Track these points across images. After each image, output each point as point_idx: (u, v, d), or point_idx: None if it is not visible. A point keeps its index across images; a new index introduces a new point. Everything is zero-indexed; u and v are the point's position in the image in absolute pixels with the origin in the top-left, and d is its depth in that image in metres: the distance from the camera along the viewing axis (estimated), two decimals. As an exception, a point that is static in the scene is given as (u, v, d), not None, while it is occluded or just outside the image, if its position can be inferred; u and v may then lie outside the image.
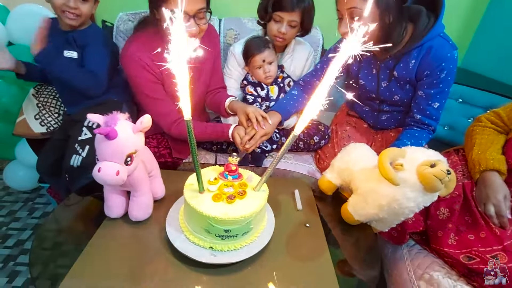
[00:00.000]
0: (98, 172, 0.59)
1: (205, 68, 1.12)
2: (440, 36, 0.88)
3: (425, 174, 0.65)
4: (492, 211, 0.72)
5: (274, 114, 1.06)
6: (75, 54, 0.98)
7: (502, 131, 0.88)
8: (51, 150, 1.02)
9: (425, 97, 0.94)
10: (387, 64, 0.96)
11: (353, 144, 0.91)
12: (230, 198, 0.68)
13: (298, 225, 0.80)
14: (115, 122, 0.61)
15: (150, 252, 0.69)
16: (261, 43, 1.14)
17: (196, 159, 0.66)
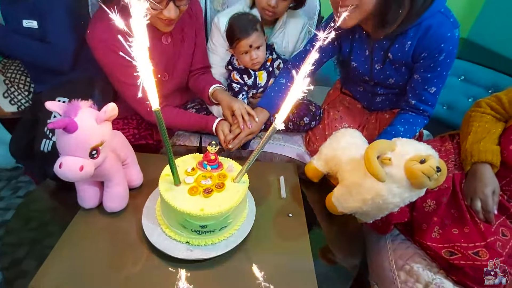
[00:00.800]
0: (59, 168, 0.55)
1: (186, 43, 1.01)
2: (441, 13, 0.78)
3: (413, 170, 0.61)
4: (479, 206, 0.69)
5: (262, 111, 0.98)
6: (35, 23, 0.86)
7: (501, 118, 0.83)
8: (22, 132, 0.95)
9: (421, 81, 0.86)
10: (381, 45, 0.87)
11: (344, 130, 0.86)
12: (207, 192, 0.65)
13: (280, 214, 0.78)
14: (75, 112, 0.55)
15: (126, 245, 0.67)
16: (247, 24, 0.99)
17: (170, 151, 0.61)
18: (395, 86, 0.95)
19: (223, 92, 1.01)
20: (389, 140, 0.66)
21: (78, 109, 0.56)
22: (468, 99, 1.26)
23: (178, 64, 1.03)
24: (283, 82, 1.04)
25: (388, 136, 0.87)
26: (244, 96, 1.10)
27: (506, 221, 0.70)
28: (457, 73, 1.27)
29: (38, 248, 0.72)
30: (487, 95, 1.20)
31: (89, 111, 0.58)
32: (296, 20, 1.14)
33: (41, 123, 0.87)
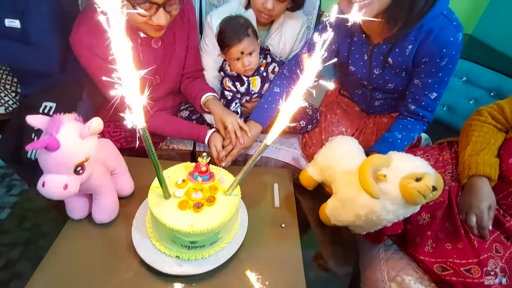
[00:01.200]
0: (43, 187, 0.53)
1: (177, 46, 0.97)
2: (443, 15, 0.74)
3: (408, 189, 0.59)
4: (473, 222, 0.68)
5: (255, 125, 0.95)
6: (18, 22, 0.81)
7: (502, 128, 0.80)
8: (11, 136, 0.93)
9: (421, 86, 0.83)
10: (380, 49, 0.83)
11: (340, 137, 0.83)
12: (197, 206, 0.63)
13: (273, 225, 0.77)
14: (57, 129, 0.53)
15: (116, 258, 0.66)
16: (239, 29, 0.93)
17: (157, 166, 0.59)
18: (394, 91, 0.92)
19: (216, 102, 0.97)
20: (385, 155, 0.64)
21: (60, 125, 0.54)
22: (469, 101, 1.23)
23: (170, 68, 0.99)
24: (277, 91, 1.00)
25: (386, 143, 0.85)
26: (237, 105, 1.06)
27: (500, 236, 0.69)
28: (459, 74, 1.23)
29: (32, 248, 0.73)
30: (489, 98, 1.18)
31: (72, 125, 0.56)
32: (293, 20, 1.09)
33: (28, 130, 0.85)
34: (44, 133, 0.53)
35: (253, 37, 0.98)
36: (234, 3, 1.09)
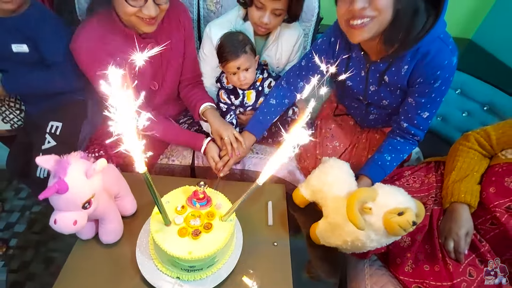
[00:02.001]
0: (55, 224, 0.58)
1: (174, 53, 0.99)
2: (440, 39, 0.75)
3: (390, 223, 0.64)
4: (451, 247, 0.74)
5: (249, 136, 1.01)
6: (25, 47, 0.84)
7: (487, 154, 0.84)
8: (17, 152, 0.97)
9: (415, 105, 0.85)
10: (377, 67, 0.85)
11: (333, 161, 0.87)
12: (195, 234, 0.69)
13: (266, 243, 0.82)
14: (64, 171, 0.57)
15: (122, 277, 0.72)
16: (237, 46, 0.96)
17: (158, 203, 0.64)
18: (388, 107, 0.95)
19: (213, 113, 1.02)
20: (371, 189, 0.69)
21: (67, 167, 0.58)
22: (462, 113, 1.25)
23: (168, 74, 1.03)
24: (273, 103, 1.04)
25: (376, 166, 0.88)
26: (232, 116, 1.10)
27: (475, 260, 0.75)
28: (454, 86, 1.25)
29: (43, 250, 0.80)
30: (481, 112, 1.20)
31: (78, 166, 0.60)
32: (290, 32, 1.10)
33: (35, 149, 0.89)
34: (53, 175, 0.58)
35: (251, 54, 1.00)
36: (233, 15, 1.09)
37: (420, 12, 0.71)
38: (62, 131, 0.90)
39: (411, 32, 0.72)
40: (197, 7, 1.28)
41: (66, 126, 0.92)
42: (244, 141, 0.98)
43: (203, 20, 1.31)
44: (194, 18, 1.30)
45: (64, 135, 0.91)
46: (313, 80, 1.03)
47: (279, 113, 1.05)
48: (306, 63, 0.98)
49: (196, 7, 1.28)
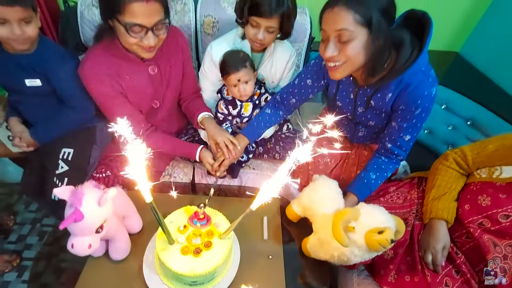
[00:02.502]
0: (72, 248, 0.65)
1: (173, 73, 1.07)
2: (421, 71, 0.82)
3: (371, 241, 0.71)
4: (429, 260, 0.81)
5: (243, 138, 1.11)
6: (39, 81, 0.92)
7: (464, 173, 0.91)
8: (30, 175, 1.05)
9: (397, 129, 0.93)
10: (364, 92, 0.93)
11: (322, 179, 0.93)
12: (196, 252, 0.76)
13: (261, 256, 0.89)
14: (80, 201, 0.64)
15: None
16: (238, 61, 1.06)
17: (163, 226, 0.72)
18: (375, 127, 1.03)
19: (210, 121, 1.12)
20: (354, 209, 0.76)
21: (82, 197, 0.65)
22: (448, 127, 1.32)
23: (168, 92, 1.10)
24: (268, 112, 1.14)
25: (361, 184, 0.96)
26: (228, 125, 1.19)
27: (451, 270, 0.82)
28: (439, 101, 1.31)
29: (54, 261, 0.86)
30: (465, 126, 1.28)
31: (92, 195, 0.67)
32: (283, 50, 1.19)
33: (50, 174, 0.96)
34: (69, 205, 0.65)
35: (250, 69, 1.10)
36: (232, 34, 1.18)
37: (406, 45, 0.79)
38: (74, 157, 0.98)
39: (396, 64, 0.80)
40: (195, 31, 1.36)
41: (77, 152, 1.00)
42: (238, 143, 1.07)
43: (201, 42, 1.39)
44: (192, 41, 1.38)
45: (75, 160, 0.99)
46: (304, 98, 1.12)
47: (273, 123, 1.15)
48: (299, 82, 1.07)
49: (193, 31, 1.36)
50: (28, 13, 0.82)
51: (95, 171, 1.06)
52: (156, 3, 0.82)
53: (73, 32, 1.31)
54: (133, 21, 0.81)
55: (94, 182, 0.71)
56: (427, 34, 0.79)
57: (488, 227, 0.78)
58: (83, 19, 1.30)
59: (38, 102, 0.98)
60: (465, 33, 1.62)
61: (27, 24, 0.84)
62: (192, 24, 1.35)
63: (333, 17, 0.74)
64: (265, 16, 0.99)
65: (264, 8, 0.98)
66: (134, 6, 0.79)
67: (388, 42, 0.77)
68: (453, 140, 1.33)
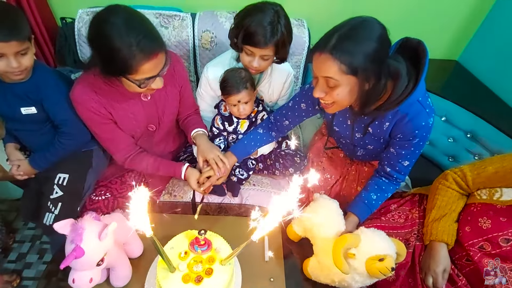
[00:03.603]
0: (73, 283, 0.65)
1: (169, 97, 1.06)
2: (418, 102, 0.82)
3: (372, 268, 0.72)
4: (430, 282, 0.81)
5: (231, 156, 1.09)
6: (34, 109, 0.91)
7: (464, 193, 0.91)
8: (29, 199, 1.04)
9: (396, 155, 0.92)
10: (362, 119, 0.92)
11: (322, 199, 0.93)
12: (197, 280, 0.76)
13: (263, 279, 0.89)
14: (80, 237, 0.64)
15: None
16: (239, 82, 1.05)
17: (164, 258, 0.72)
18: (374, 150, 1.02)
19: (202, 138, 1.10)
20: (355, 235, 0.76)
21: (82, 233, 0.65)
22: (448, 139, 1.32)
23: (165, 116, 1.09)
24: (260, 132, 1.13)
25: (362, 204, 0.95)
26: (221, 141, 1.19)
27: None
28: (439, 113, 1.31)
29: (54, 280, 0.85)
30: (465, 139, 1.27)
31: (92, 228, 0.67)
32: (280, 71, 1.18)
33: (44, 198, 0.96)
34: (69, 240, 0.65)
35: (251, 89, 1.09)
36: (227, 56, 1.17)
37: (402, 76, 0.78)
38: (69, 182, 0.98)
39: (391, 95, 0.79)
40: (193, 45, 1.35)
41: (72, 177, 1.00)
42: (227, 162, 1.05)
43: (199, 57, 1.39)
44: (190, 56, 1.38)
45: (70, 185, 0.99)
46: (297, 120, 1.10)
47: (264, 143, 1.14)
48: (293, 105, 1.05)
49: (192, 46, 1.35)
50: (24, 46, 0.81)
51: (94, 193, 1.06)
52: (162, 53, 0.82)
53: (70, 49, 1.31)
54: (144, 76, 0.82)
55: (94, 214, 0.71)
56: (423, 65, 0.78)
57: (489, 250, 0.78)
58: (80, 36, 1.29)
59: (35, 129, 0.98)
60: (464, 40, 1.61)
61: (23, 56, 0.83)
62: (190, 39, 1.34)
63: (320, 64, 0.74)
64: (259, 46, 0.98)
65: (258, 38, 0.96)
66: (145, 66, 0.79)
67: (381, 79, 0.76)
68: (453, 152, 1.33)
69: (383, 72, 0.75)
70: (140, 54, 0.76)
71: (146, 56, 0.77)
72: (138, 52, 0.76)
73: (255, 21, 0.95)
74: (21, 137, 1.02)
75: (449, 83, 1.57)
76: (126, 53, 0.76)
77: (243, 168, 1.20)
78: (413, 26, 1.49)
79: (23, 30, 0.81)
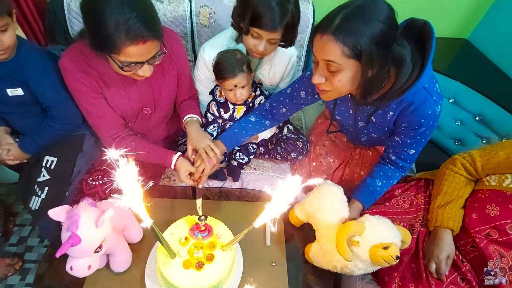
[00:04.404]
0: (71, 270, 0.64)
1: (167, 79, 1.01)
2: (424, 89, 0.76)
3: (376, 256, 0.70)
4: (433, 269, 0.80)
5: (220, 145, 1.02)
6: (20, 90, 0.86)
7: (472, 179, 0.88)
8: (23, 182, 1.02)
9: (401, 143, 0.89)
10: (364, 108, 0.88)
11: (327, 185, 0.90)
12: (198, 266, 0.75)
13: (264, 264, 0.89)
14: (76, 224, 0.62)
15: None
16: (235, 65, 0.98)
17: (164, 244, 0.70)
18: (377, 138, 0.99)
19: (193, 124, 1.05)
20: (359, 223, 0.74)
21: (78, 220, 0.62)
22: (455, 122, 1.28)
23: (161, 99, 1.04)
24: (252, 120, 1.07)
25: (366, 191, 0.93)
26: (215, 128, 1.14)
27: (457, 278, 0.81)
28: (447, 95, 1.26)
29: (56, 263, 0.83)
30: (473, 122, 1.23)
31: (88, 215, 0.65)
32: (283, 52, 1.11)
33: (32, 181, 0.93)
34: (65, 228, 0.62)
35: (247, 72, 1.03)
36: (225, 36, 1.09)
37: (406, 63, 0.72)
38: (57, 166, 0.95)
39: (395, 84, 0.74)
40: (190, 22, 1.28)
41: (60, 161, 0.97)
42: (218, 152, 0.99)
43: (197, 34, 1.31)
44: (187, 33, 1.30)
45: (58, 169, 0.96)
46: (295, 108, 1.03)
47: (257, 131, 1.08)
48: (291, 92, 0.99)
49: (189, 22, 1.28)
50: (4, 21, 0.75)
51: (91, 177, 1.03)
52: (153, 41, 0.76)
53: (60, 26, 1.23)
54: (128, 60, 0.76)
55: (90, 200, 0.69)
56: (429, 49, 0.72)
57: (496, 237, 0.77)
58: (70, 11, 1.21)
59: (24, 112, 0.94)
60: (475, 19, 1.52)
61: (3, 32, 0.77)
62: (187, 15, 1.26)
63: (321, 46, 0.69)
64: (267, 29, 0.90)
65: (268, 20, 0.88)
66: (130, 49, 0.73)
67: (385, 65, 0.70)
68: (460, 136, 1.29)
69: (388, 58, 0.69)
70: (125, 35, 0.70)
71: (131, 38, 0.71)
72: (124, 32, 0.70)
73: (263, 0, 0.87)
74: (10, 120, 0.98)
75: (458, 62, 1.51)
76: (111, 30, 0.70)
77: (243, 153, 1.17)
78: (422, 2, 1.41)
79: (1, 3, 0.75)
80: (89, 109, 0.93)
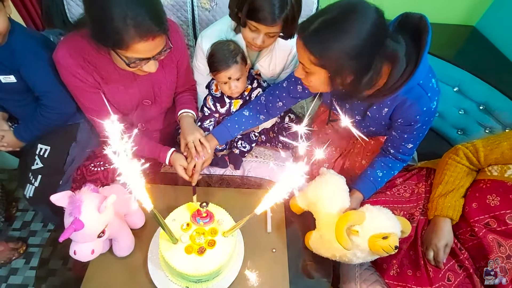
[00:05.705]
0: (74, 255, 0.65)
1: (167, 72, 0.99)
2: (419, 85, 0.74)
3: (375, 245, 0.71)
4: (431, 256, 0.81)
5: (212, 139, 1.01)
6: (13, 77, 0.85)
7: (474, 168, 0.88)
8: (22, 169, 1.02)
9: (398, 138, 0.88)
10: (360, 103, 0.87)
11: (329, 175, 0.90)
12: (200, 251, 0.76)
13: (265, 250, 0.90)
14: (78, 210, 0.62)
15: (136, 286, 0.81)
16: (228, 56, 0.95)
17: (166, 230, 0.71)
18: (376, 130, 0.98)
19: (187, 119, 1.04)
20: (359, 213, 0.74)
21: (80, 205, 0.63)
22: (459, 111, 1.27)
23: (161, 91, 1.03)
24: (245, 114, 1.04)
25: (367, 181, 0.93)
26: (211, 123, 1.13)
27: (454, 265, 0.83)
28: (452, 83, 1.24)
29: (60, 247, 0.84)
30: (477, 111, 1.22)
31: (90, 201, 0.65)
32: (284, 43, 1.05)
33: (27, 168, 0.94)
34: (68, 213, 0.63)
35: (242, 64, 1.00)
36: (224, 25, 1.06)
37: (400, 59, 0.70)
38: (50, 154, 0.96)
39: (387, 81, 0.73)
40: (191, 5, 1.24)
41: (53, 150, 0.97)
42: (208, 146, 0.97)
43: (198, 18, 1.28)
44: (188, 17, 1.27)
45: (51, 158, 0.96)
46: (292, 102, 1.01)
47: (251, 126, 1.05)
48: (288, 86, 0.97)
49: (190, 6, 1.24)
50: None
51: (92, 164, 1.03)
52: (161, 36, 0.74)
53: (58, 9, 1.20)
54: (135, 56, 0.74)
55: (92, 186, 0.69)
56: (424, 44, 0.70)
57: (494, 227, 0.78)
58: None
59: (19, 99, 0.92)
60: (483, 6, 1.48)
61: None
62: (188, 0, 1.23)
63: (297, 47, 0.70)
64: (266, 23, 0.86)
65: (266, 14, 0.83)
66: (139, 45, 0.71)
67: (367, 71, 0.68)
68: (463, 125, 1.28)
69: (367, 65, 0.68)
70: (135, 30, 0.68)
71: (141, 34, 0.69)
72: (133, 27, 0.67)
73: None
74: (7, 107, 0.98)
75: (464, 50, 1.48)
76: (119, 25, 0.67)
77: (245, 141, 1.17)
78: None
79: None
80: (86, 104, 0.92)
